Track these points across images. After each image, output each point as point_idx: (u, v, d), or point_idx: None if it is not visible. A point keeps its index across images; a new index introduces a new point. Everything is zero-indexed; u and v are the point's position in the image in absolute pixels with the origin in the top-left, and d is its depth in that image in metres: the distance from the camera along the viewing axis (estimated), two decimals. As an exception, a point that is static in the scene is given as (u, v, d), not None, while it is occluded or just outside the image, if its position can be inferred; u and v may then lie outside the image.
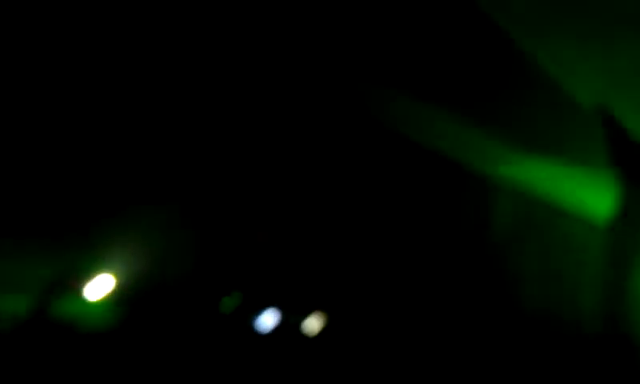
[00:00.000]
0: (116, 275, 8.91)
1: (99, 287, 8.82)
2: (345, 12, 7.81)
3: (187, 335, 9.72)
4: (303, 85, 8.99)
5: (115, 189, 8.95)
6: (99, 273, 8.82)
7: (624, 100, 8.11)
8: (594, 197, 9.78)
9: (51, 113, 8.24)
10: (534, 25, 7.24)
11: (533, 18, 7.16)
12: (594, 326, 8.81)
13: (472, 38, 7.81)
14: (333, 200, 10.45)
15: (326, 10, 7.78)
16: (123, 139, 8.73)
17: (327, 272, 10.72)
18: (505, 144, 9.28)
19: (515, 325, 10.16)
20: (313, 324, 10.88)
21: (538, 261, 10.53)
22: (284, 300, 10.72)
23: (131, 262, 9.00)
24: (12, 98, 7.88)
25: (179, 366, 9.40)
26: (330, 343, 10.75)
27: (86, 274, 8.78)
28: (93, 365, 8.61)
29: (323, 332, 10.87)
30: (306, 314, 10.90)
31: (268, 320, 10.60)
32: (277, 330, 10.69)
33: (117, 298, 8.95)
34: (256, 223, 10.29)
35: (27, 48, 7.69)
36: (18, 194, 8.33)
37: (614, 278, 8.54)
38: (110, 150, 8.71)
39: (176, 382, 9.26)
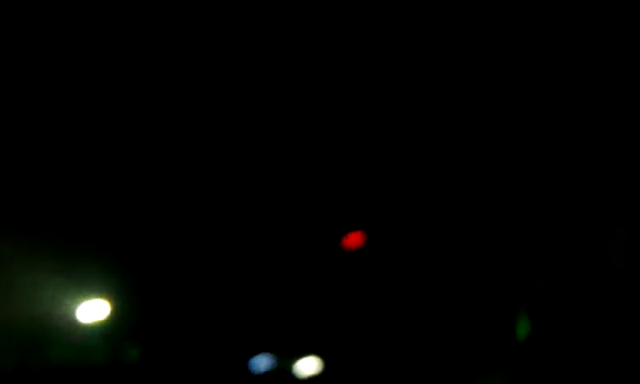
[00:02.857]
0: (110, 301, 8.78)
1: (93, 312, 8.68)
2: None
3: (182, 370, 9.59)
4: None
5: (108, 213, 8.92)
6: (93, 298, 8.69)
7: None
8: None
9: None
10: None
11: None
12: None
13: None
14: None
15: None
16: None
17: (319, 316, 10.63)
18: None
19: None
20: (305, 367, 10.75)
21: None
22: (276, 343, 10.60)
23: (125, 288, 8.91)
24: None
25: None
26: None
27: (79, 298, 8.65)
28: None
29: (316, 376, 10.74)
30: (298, 356, 10.77)
31: (261, 363, 10.47)
32: (270, 373, 10.55)
33: (111, 325, 8.81)
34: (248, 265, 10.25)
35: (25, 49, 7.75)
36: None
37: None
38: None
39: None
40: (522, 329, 9.49)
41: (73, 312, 8.68)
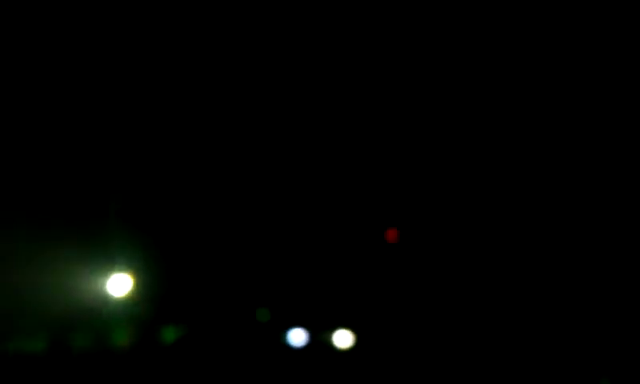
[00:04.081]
0: (133, 275, 9.16)
1: (118, 286, 9.08)
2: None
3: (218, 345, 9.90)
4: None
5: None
6: (116, 272, 9.08)
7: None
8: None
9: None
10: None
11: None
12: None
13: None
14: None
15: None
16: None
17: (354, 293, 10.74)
18: None
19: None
20: (341, 339, 10.88)
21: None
22: (312, 317, 10.77)
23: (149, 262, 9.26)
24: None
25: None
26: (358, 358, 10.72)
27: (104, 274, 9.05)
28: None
29: (350, 348, 10.85)
30: (333, 329, 10.91)
31: (298, 336, 10.65)
32: (307, 345, 10.73)
33: (136, 297, 9.18)
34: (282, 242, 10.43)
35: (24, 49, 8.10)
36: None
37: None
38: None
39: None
40: None
41: (98, 287, 9.10)
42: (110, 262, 9.07)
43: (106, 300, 9.12)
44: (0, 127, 8.56)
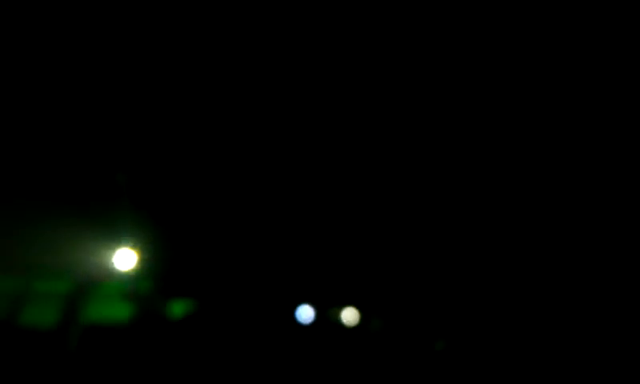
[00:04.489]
0: (138, 250, 9.31)
1: (123, 260, 9.24)
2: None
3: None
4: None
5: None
6: (121, 247, 9.24)
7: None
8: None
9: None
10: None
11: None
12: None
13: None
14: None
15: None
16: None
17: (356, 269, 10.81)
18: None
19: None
20: (349, 316, 10.99)
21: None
22: (319, 295, 10.88)
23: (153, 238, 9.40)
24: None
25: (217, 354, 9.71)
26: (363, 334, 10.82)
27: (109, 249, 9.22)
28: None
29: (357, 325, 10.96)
30: (341, 307, 11.03)
31: (307, 312, 10.79)
32: (315, 322, 10.87)
33: (141, 272, 9.34)
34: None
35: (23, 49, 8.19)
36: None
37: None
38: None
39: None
40: None
41: (104, 262, 9.27)
42: (115, 238, 9.23)
43: (111, 274, 9.29)
44: (3, 106, 8.71)
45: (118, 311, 9.50)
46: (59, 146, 9.11)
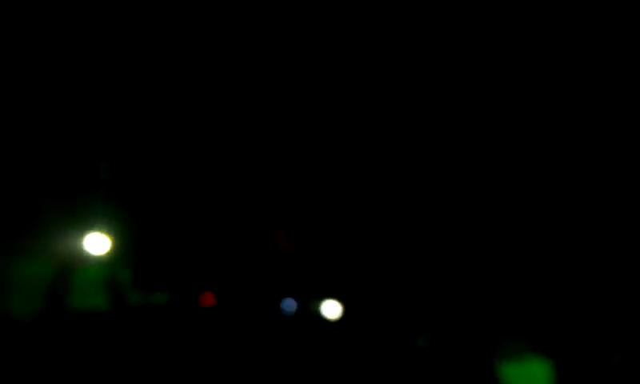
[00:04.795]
0: (111, 236, 9.17)
1: (95, 247, 9.09)
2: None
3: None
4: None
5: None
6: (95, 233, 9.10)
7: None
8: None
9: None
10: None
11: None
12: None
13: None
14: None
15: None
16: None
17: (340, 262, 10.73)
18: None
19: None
20: (330, 309, 10.87)
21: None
22: (302, 288, 10.76)
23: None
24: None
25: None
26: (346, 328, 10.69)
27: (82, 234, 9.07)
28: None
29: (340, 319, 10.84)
30: (322, 299, 10.90)
31: (290, 305, 10.66)
32: (297, 314, 10.73)
33: (116, 259, 9.19)
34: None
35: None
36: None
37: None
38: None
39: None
40: None
41: (77, 248, 9.12)
42: (89, 223, 9.10)
43: (85, 260, 9.13)
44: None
45: (95, 298, 9.31)
46: (39, 134, 9.04)
